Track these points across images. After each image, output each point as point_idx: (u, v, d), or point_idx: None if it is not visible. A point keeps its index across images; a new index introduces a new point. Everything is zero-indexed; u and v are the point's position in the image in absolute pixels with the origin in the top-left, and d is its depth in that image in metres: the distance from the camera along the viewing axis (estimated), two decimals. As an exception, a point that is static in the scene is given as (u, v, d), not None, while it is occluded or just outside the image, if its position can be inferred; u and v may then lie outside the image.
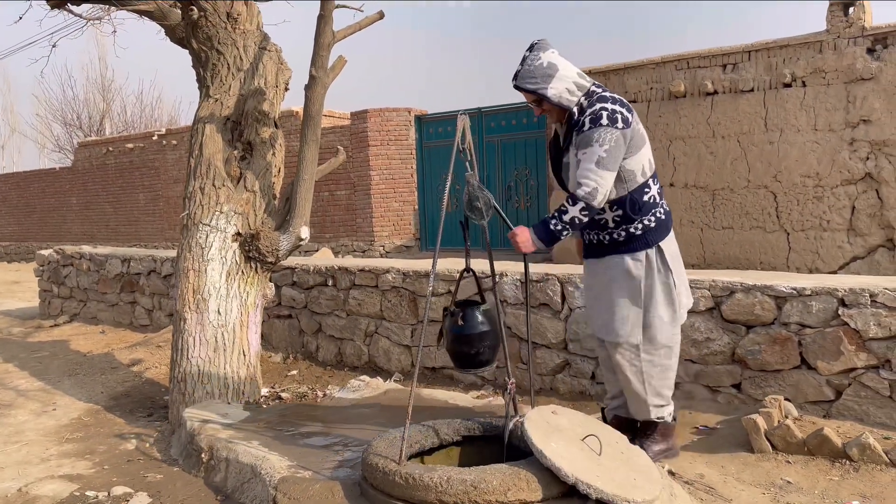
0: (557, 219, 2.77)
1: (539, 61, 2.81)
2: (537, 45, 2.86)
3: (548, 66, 2.80)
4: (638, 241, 2.91)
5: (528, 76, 2.81)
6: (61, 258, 8.23)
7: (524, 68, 2.82)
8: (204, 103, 4.40)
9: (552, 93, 2.81)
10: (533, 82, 2.81)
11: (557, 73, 2.80)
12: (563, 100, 2.82)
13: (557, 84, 2.81)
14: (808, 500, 2.77)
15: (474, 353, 2.76)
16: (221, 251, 4.16)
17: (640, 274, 2.92)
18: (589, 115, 2.80)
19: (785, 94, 7.07)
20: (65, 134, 24.97)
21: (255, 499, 2.90)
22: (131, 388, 5.05)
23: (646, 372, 2.94)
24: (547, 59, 2.81)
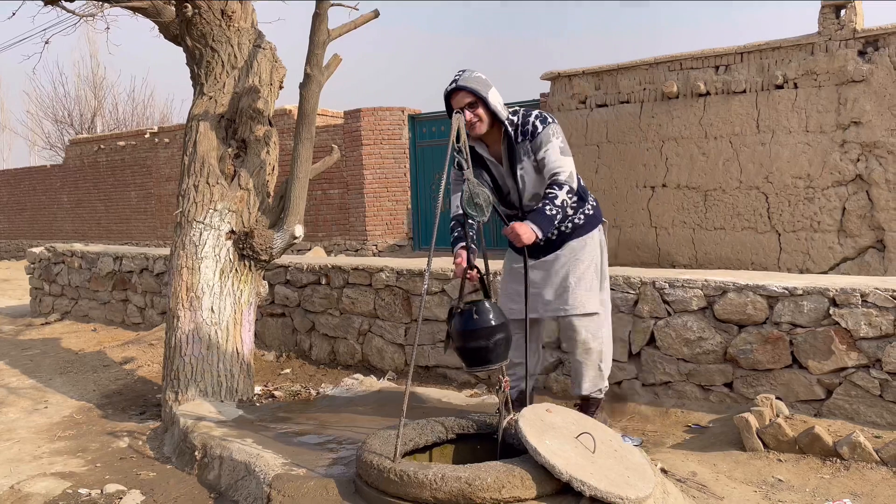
0: (551, 204, 2.91)
1: (477, 74, 3.01)
2: (469, 69, 3.05)
3: (486, 80, 3.01)
4: (591, 222, 3.22)
5: (471, 80, 2.98)
6: (53, 256, 8.19)
7: (465, 76, 2.99)
8: (198, 101, 4.40)
9: (492, 99, 2.99)
10: (476, 85, 2.97)
11: (492, 87, 3.02)
12: (499, 110, 3.02)
13: (494, 95, 3.01)
14: (800, 497, 2.80)
15: (491, 347, 2.69)
16: (215, 249, 4.15)
17: (598, 251, 3.22)
18: (534, 119, 3.06)
19: (777, 95, 7.11)
20: (56, 131, 24.85)
21: (249, 496, 2.90)
22: (124, 386, 5.04)
23: (605, 342, 3.19)
24: (483, 76, 3.02)
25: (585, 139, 8.45)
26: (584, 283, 3.13)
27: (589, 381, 3.22)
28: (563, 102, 8.65)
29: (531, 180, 3.09)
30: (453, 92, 3.00)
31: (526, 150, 3.06)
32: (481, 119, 3.02)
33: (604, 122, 8.30)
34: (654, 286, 3.91)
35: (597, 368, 3.23)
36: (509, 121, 3.07)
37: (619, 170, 8.17)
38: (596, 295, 3.15)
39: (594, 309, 3.13)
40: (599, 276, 3.20)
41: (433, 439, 2.97)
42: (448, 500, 2.41)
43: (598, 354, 3.19)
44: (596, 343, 3.18)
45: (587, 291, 3.12)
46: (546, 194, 2.94)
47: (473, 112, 3.00)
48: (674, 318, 3.84)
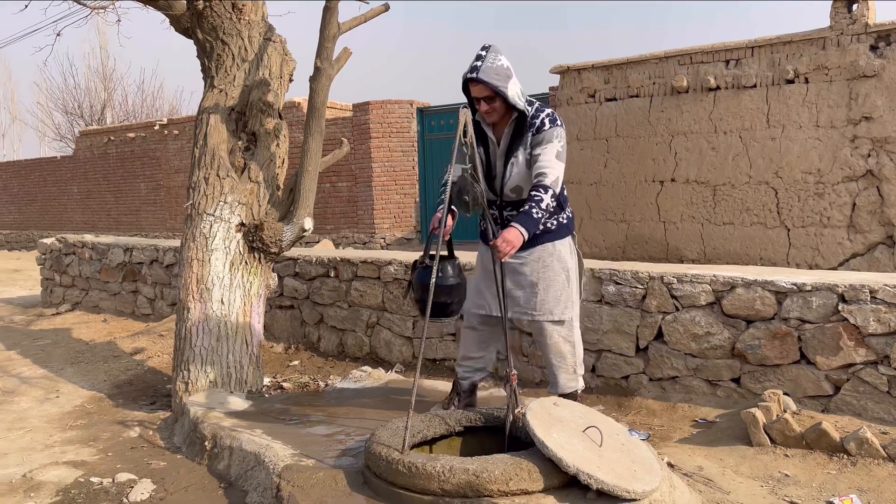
0: (537, 207, 2.93)
1: (499, 62, 2.93)
2: (492, 47, 2.97)
3: (507, 69, 2.94)
4: (565, 229, 3.23)
5: (491, 72, 2.91)
6: (63, 247, 8.25)
7: (486, 65, 2.91)
8: (209, 93, 4.42)
9: (511, 92, 2.94)
10: (496, 79, 2.91)
11: (513, 76, 2.96)
12: (518, 101, 2.98)
13: (513, 86, 2.96)
14: (806, 493, 2.80)
15: (447, 302, 2.83)
16: (225, 241, 4.18)
17: (569, 258, 3.22)
18: (545, 116, 3.04)
19: (787, 90, 7.08)
20: (66, 123, 24.97)
21: (258, 486, 2.93)
22: (134, 376, 5.08)
23: (577, 345, 3.23)
24: (505, 62, 2.95)
25: (594, 133, 8.44)
26: (554, 290, 3.14)
27: (563, 381, 3.27)
28: (572, 96, 8.64)
29: (519, 172, 3.09)
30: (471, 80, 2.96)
31: (526, 142, 3.07)
32: (496, 111, 3.02)
33: (613, 116, 8.28)
34: (662, 281, 3.92)
35: (571, 371, 3.26)
36: (523, 108, 3.03)
37: (628, 164, 8.15)
38: (566, 301, 3.17)
39: (560, 316, 3.16)
40: (570, 282, 3.21)
41: (441, 432, 2.99)
42: (456, 492, 2.43)
43: (571, 357, 3.23)
44: (567, 346, 3.22)
45: (556, 298, 3.14)
46: (531, 196, 2.95)
47: (490, 105, 2.99)
48: (682, 312, 3.85)
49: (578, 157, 8.56)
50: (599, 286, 4.15)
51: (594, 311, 4.14)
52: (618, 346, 4.08)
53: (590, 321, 4.15)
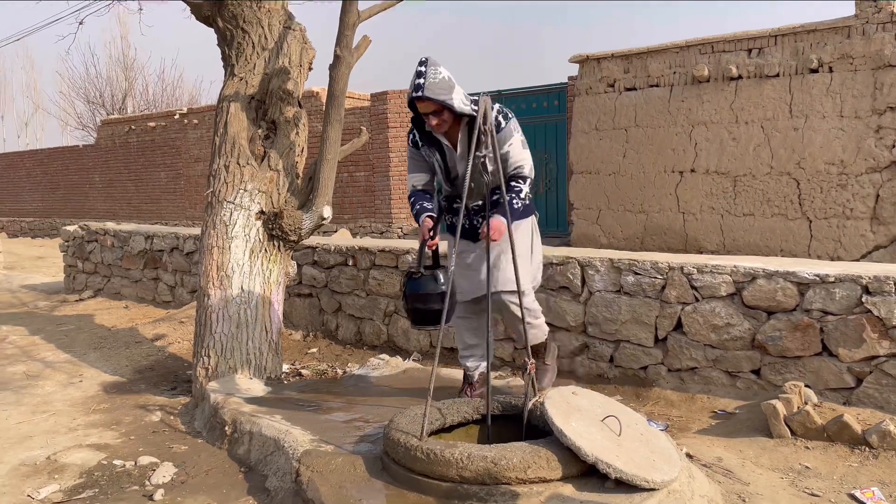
0: (517, 197, 3.09)
1: (440, 75, 2.97)
2: (429, 60, 3.00)
3: (448, 80, 2.99)
4: (528, 209, 3.36)
5: (435, 87, 2.95)
6: (86, 234, 8.35)
7: (428, 81, 2.95)
8: (229, 82, 4.44)
9: (457, 102, 3.00)
10: (441, 93, 2.96)
11: (455, 86, 3.02)
12: (465, 108, 3.03)
13: (457, 95, 3.01)
14: (827, 485, 2.78)
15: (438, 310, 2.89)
16: (245, 229, 4.21)
17: (530, 235, 3.39)
18: (496, 115, 3.08)
19: (811, 79, 6.98)
20: (88, 112, 25.21)
21: (278, 471, 2.97)
22: (155, 361, 5.14)
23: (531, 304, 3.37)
24: (444, 73, 2.99)
25: (613, 123, 8.38)
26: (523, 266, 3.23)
27: (531, 336, 3.34)
28: (591, 86, 8.58)
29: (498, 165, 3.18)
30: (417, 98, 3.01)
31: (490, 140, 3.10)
32: (445, 121, 3.08)
33: (632, 105, 8.21)
34: (682, 271, 3.89)
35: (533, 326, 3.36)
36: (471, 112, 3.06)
37: (647, 154, 8.09)
38: (526, 274, 3.27)
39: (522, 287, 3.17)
40: (530, 257, 3.38)
41: (458, 419, 3.00)
42: (474, 479, 2.45)
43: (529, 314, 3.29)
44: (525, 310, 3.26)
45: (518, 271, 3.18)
46: (512, 187, 3.06)
47: (439, 118, 3.05)
48: (701, 303, 3.82)
49: (597, 148, 8.51)
50: (618, 276, 4.13)
51: (613, 302, 4.13)
52: (636, 336, 4.07)
53: (608, 311, 4.14)
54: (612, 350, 4.18)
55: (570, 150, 8.94)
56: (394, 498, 2.52)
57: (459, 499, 2.44)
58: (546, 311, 4.36)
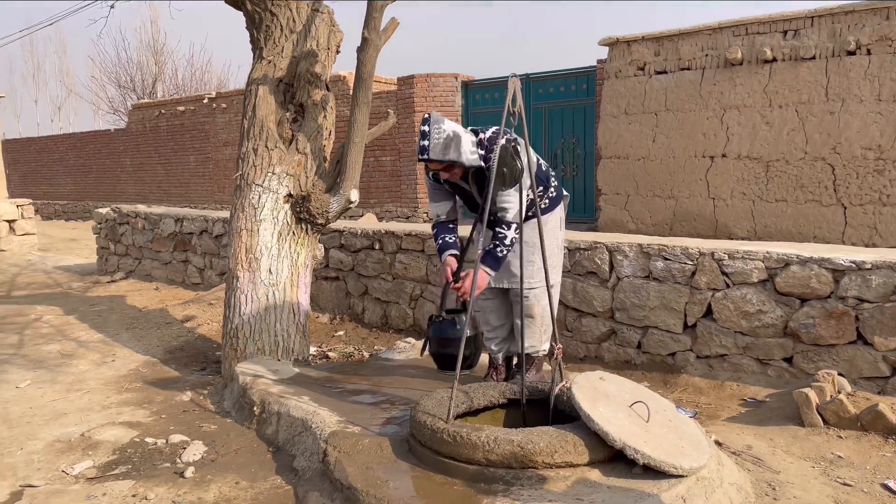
0: (501, 245, 3.02)
1: (444, 134, 2.96)
2: (431, 118, 3.00)
3: (453, 136, 2.97)
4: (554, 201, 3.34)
5: (439, 149, 2.95)
6: (118, 217, 8.48)
7: (432, 142, 2.95)
8: (257, 65, 4.45)
9: (465, 158, 3.00)
10: (446, 152, 2.96)
11: (461, 139, 2.99)
12: (473, 161, 3.02)
13: (465, 148, 3.00)
14: (859, 475, 2.74)
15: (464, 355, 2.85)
16: (273, 212, 4.23)
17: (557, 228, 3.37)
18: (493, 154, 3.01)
19: (848, 62, 6.80)
20: (119, 96, 25.53)
21: (305, 451, 3.00)
22: (185, 342, 5.22)
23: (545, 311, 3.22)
24: (448, 129, 2.97)
25: (643, 107, 8.26)
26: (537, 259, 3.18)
27: (528, 341, 3.30)
28: (620, 69, 8.45)
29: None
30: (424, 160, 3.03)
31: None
32: (456, 173, 3.10)
33: (663, 89, 8.08)
34: (712, 257, 3.84)
35: (538, 334, 3.33)
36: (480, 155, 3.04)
37: (677, 139, 7.96)
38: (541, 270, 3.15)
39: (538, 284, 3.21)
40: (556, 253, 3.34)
41: (485, 403, 3.00)
42: (500, 463, 2.44)
43: (540, 318, 3.28)
44: (538, 310, 3.27)
45: (538, 267, 3.18)
46: (496, 233, 3.02)
47: (450, 172, 3.08)
48: (732, 290, 3.77)
49: (626, 132, 8.39)
50: (647, 262, 4.08)
51: (641, 287, 4.09)
52: (665, 322, 4.02)
53: (636, 297, 4.10)
54: (640, 336, 4.14)
55: (599, 135, 8.84)
56: (420, 479, 2.53)
57: (486, 482, 2.44)
58: (572, 296, 4.34)
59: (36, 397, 4.09)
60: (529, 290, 3.24)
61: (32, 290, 7.60)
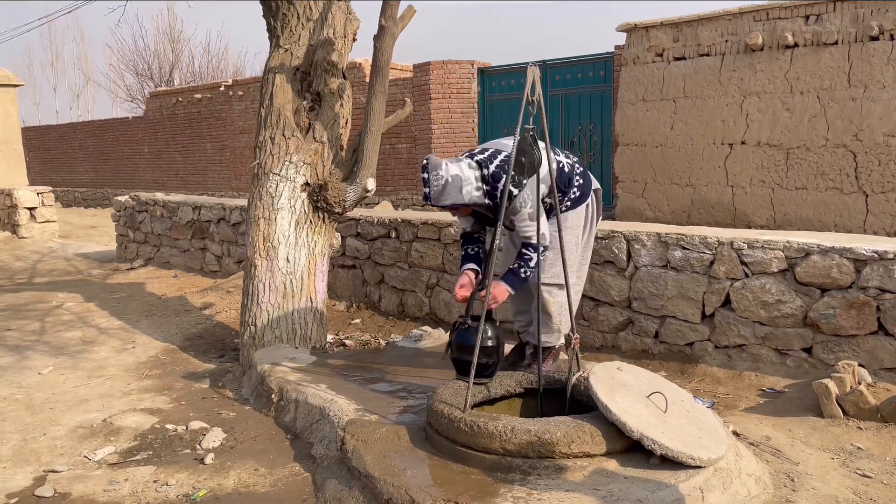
0: (525, 266, 3.00)
1: (441, 180, 2.94)
2: (429, 164, 2.97)
3: (451, 179, 2.95)
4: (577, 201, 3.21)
5: (441, 195, 2.96)
6: (136, 204, 8.55)
7: (433, 190, 2.96)
8: (274, 53, 4.45)
9: (468, 199, 2.97)
10: (448, 197, 2.96)
11: (461, 181, 2.95)
12: (476, 199, 2.99)
13: (467, 189, 2.96)
14: (880, 466, 2.71)
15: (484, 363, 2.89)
16: (291, 200, 4.24)
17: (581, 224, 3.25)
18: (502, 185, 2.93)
19: (871, 47, 6.68)
20: (136, 84, 25.69)
21: (323, 439, 3.02)
22: (203, 330, 5.27)
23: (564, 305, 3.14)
24: (445, 174, 2.95)
25: (661, 94, 8.17)
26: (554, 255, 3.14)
27: (545, 335, 3.26)
28: (638, 55, 8.36)
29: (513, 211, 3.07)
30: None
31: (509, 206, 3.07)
32: (465, 211, 3.11)
33: (681, 75, 7.99)
34: (731, 247, 3.80)
35: (555, 328, 3.27)
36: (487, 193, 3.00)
37: (696, 126, 7.88)
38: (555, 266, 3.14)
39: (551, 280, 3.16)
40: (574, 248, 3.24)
41: (502, 392, 3.01)
42: (517, 452, 2.45)
43: (557, 316, 3.22)
44: (555, 306, 3.21)
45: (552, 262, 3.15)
46: (521, 254, 3.01)
47: (457, 211, 3.11)
48: (751, 279, 3.74)
49: (644, 119, 8.32)
50: (665, 251, 4.05)
51: (659, 277, 4.06)
52: (682, 312, 4.00)
53: (654, 286, 4.08)
54: (658, 326, 4.12)
55: (616, 122, 8.77)
56: (437, 469, 2.54)
57: (503, 471, 2.45)
58: (590, 286, 4.33)
59: (58, 383, 4.15)
60: (543, 286, 3.22)
61: (53, 276, 7.70)
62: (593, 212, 3.33)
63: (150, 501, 2.70)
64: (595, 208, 3.34)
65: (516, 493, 2.29)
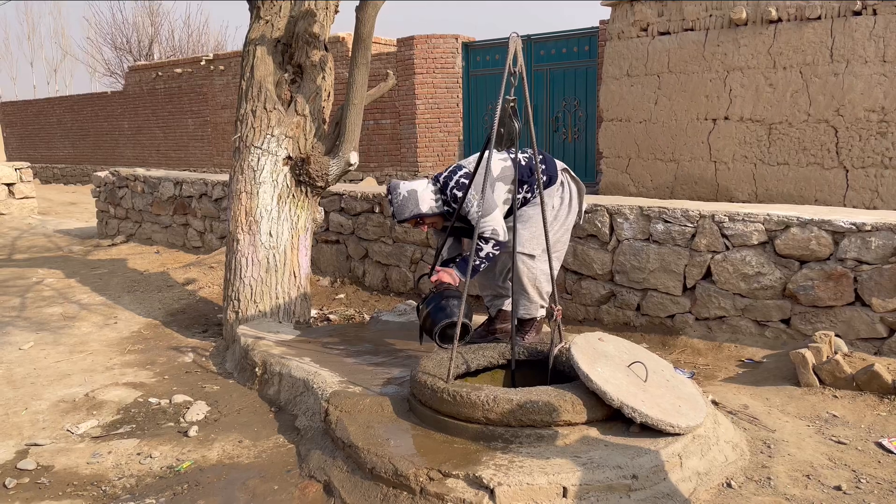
0: (476, 256, 3.16)
1: (400, 196, 3.25)
2: (390, 186, 3.31)
3: (409, 195, 3.24)
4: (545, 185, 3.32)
5: (402, 210, 3.24)
6: (117, 180, 8.45)
7: (396, 207, 3.26)
8: (255, 24, 4.38)
9: (426, 209, 3.24)
10: (409, 211, 3.24)
11: (417, 195, 3.24)
12: (436, 208, 3.27)
13: (424, 200, 3.24)
14: (854, 433, 2.77)
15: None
16: (273, 174, 4.21)
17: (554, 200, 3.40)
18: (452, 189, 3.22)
19: (854, 22, 6.69)
20: (115, 58, 25.22)
21: (307, 411, 3.03)
22: (186, 305, 5.25)
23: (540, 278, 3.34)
24: (403, 190, 3.26)
25: (646, 69, 8.16)
26: (530, 227, 3.27)
27: (523, 307, 3.38)
28: (623, 30, 8.32)
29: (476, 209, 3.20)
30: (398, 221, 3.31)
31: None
32: (430, 223, 3.32)
33: (665, 50, 7.97)
34: (713, 220, 3.83)
35: (531, 298, 3.38)
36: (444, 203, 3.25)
37: (680, 101, 7.88)
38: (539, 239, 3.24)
39: (531, 251, 3.29)
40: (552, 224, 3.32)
41: (485, 363, 3.03)
42: (499, 421, 2.48)
43: (530, 286, 3.34)
44: (527, 276, 3.32)
45: (532, 235, 3.27)
46: (476, 244, 3.09)
47: (422, 226, 3.34)
48: (732, 252, 3.77)
49: (628, 94, 8.31)
50: (648, 224, 4.08)
51: (641, 250, 4.09)
52: (664, 285, 4.04)
53: (636, 259, 4.11)
54: (640, 298, 4.16)
55: (601, 97, 8.75)
56: (421, 438, 2.56)
57: (485, 440, 2.48)
58: (572, 259, 4.35)
59: (39, 359, 4.12)
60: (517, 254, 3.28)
61: (33, 253, 7.61)
62: (570, 192, 3.40)
63: (133, 473, 2.71)
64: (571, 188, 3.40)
65: (498, 461, 2.32)
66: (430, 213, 3.26)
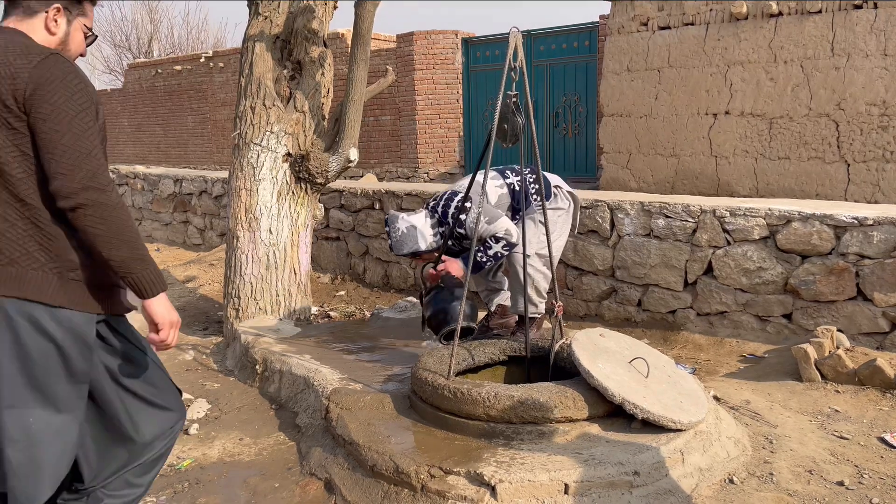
0: (484, 253, 3.17)
1: (398, 232, 3.23)
2: (388, 219, 3.29)
3: (408, 230, 3.21)
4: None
5: (401, 246, 3.22)
6: (117, 177, 8.44)
7: (394, 242, 3.24)
8: (254, 21, 4.36)
9: (424, 246, 3.22)
10: (408, 248, 3.21)
11: (417, 231, 3.21)
12: (434, 244, 3.24)
13: (424, 238, 3.22)
14: (856, 428, 2.76)
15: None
16: (272, 171, 4.20)
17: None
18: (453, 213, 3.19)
19: (855, 16, 6.67)
20: (114, 56, 25.20)
21: (308, 408, 3.03)
22: (187, 303, 5.24)
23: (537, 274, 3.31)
24: (402, 226, 3.23)
25: (646, 64, 8.13)
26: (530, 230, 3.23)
27: (520, 303, 3.35)
28: (623, 24, 8.30)
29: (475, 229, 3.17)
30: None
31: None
32: (426, 258, 3.29)
33: (666, 45, 7.94)
34: (714, 214, 3.82)
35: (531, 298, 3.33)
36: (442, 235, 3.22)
37: (680, 96, 7.86)
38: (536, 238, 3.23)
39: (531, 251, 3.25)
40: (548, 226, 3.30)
41: (486, 360, 3.03)
42: (501, 418, 2.47)
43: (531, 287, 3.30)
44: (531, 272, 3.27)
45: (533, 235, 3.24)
46: (485, 242, 3.17)
47: (419, 260, 3.32)
48: (733, 247, 3.76)
49: (628, 90, 8.28)
50: (649, 220, 4.07)
51: (642, 245, 4.08)
52: (665, 280, 4.03)
53: (637, 255, 4.10)
54: (641, 294, 4.15)
55: (601, 92, 8.72)
56: (421, 435, 2.56)
57: (486, 437, 2.47)
58: (573, 255, 4.34)
59: (40, 357, 4.11)
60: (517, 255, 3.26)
61: (33, 251, 7.60)
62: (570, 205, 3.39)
63: (134, 471, 2.70)
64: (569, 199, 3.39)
65: (500, 458, 2.31)
66: (428, 251, 3.25)
